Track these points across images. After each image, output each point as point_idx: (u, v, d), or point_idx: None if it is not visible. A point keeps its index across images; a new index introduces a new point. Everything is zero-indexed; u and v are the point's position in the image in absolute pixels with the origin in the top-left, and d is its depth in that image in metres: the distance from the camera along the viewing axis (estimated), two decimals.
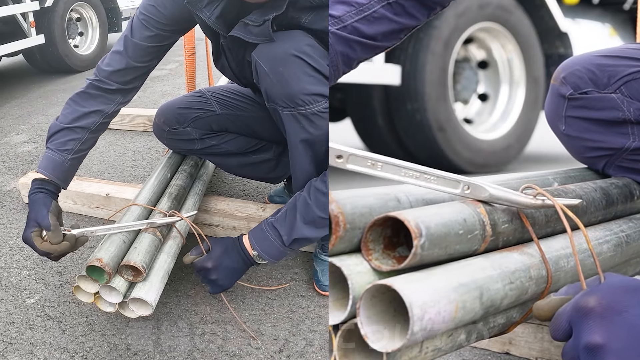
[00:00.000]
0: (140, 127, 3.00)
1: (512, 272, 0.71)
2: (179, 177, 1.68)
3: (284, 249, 1.30)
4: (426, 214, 0.65)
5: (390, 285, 0.57)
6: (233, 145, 1.70)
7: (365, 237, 0.65)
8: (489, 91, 3.32)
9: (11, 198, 2.16)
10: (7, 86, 4.49)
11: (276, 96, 1.24)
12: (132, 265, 1.23)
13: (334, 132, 2.71)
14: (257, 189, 2.13)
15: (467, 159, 3.00)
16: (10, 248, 1.76)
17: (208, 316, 1.40)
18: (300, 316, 1.40)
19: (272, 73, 1.21)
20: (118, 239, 1.29)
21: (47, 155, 1.43)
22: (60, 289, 1.52)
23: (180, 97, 1.75)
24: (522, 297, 0.72)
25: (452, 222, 0.67)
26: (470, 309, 0.63)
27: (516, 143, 3.27)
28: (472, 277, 0.65)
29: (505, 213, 0.75)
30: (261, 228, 1.32)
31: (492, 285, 0.66)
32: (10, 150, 2.81)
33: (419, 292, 0.57)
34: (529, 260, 0.74)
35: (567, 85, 1.09)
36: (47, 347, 1.31)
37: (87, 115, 1.46)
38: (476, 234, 0.70)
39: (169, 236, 1.42)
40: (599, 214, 0.94)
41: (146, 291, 1.23)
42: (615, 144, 1.08)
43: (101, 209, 1.92)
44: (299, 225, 1.27)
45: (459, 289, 0.62)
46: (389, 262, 0.65)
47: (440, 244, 0.64)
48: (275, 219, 1.31)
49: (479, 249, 0.72)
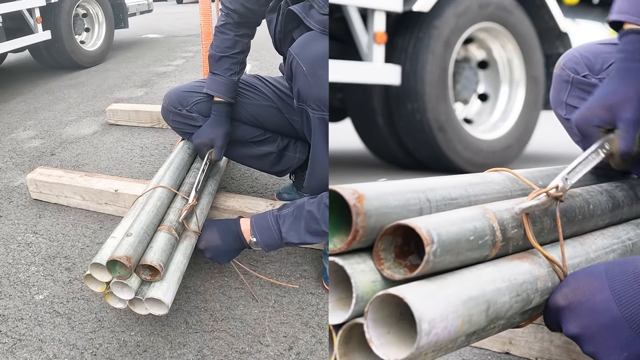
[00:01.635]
0: (148, 123, 3.05)
1: (520, 284, 0.70)
2: (192, 174, 1.69)
3: (280, 242, 1.38)
4: (437, 221, 0.65)
5: (402, 298, 0.57)
6: (237, 134, 1.73)
7: (377, 247, 0.65)
8: (489, 91, 3.33)
9: (19, 194, 2.20)
10: (14, 82, 4.53)
11: (309, 98, 1.26)
12: (149, 264, 1.22)
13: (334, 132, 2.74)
14: (265, 186, 2.16)
15: (467, 159, 3.02)
16: (19, 244, 1.79)
17: (218, 313, 1.42)
18: (310, 313, 1.41)
19: (311, 75, 1.23)
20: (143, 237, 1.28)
21: (216, 80, 1.66)
22: (69, 285, 1.54)
23: (189, 82, 1.81)
24: (526, 307, 0.72)
25: (463, 228, 0.66)
26: (475, 322, 0.63)
27: (516, 143, 3.28)
28: (481, 289, 0.64)
29: (513, 218, 0.75)
30: (265, 217, 1.40)
31: (500, 299, 0.66)
32: (17, 146, 2.85)
33: (430, 307, 0.57)
34: (538, 271, 0.74)
35: (566, 70, 1.15)
36: (56, 343, 1.32)
37: (237, 42, 1.66)
38: (487, 239, 0.69)
39: (184, 235, 1.42)
40: (605, 217, 0.95)
41: (164, 292, 1.22)
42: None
43: (110, 205, 1.95)
44: (302, 232, 1.35)
45: (467, 302, 0.61)
46: (401, 271, 0.64)
47: (452, 251, 0.64)
48: (280, 214, 1.39)
49: (490, 255, 0.71)
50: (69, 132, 3.07)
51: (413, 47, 2.89)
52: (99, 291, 1.26)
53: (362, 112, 3.11)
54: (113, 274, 1.20)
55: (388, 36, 2.78)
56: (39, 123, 3.27)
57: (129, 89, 4.09)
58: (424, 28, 2.89)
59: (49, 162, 2.58)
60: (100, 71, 4.77)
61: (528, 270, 0.73)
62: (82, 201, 2.01)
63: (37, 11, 4.33)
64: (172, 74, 4.56)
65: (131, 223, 1.33)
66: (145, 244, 1.28)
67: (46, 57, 4.78)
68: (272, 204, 1.76)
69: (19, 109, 3.63)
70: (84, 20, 5.09)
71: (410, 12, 2.84)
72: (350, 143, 3.57)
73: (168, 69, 4.79)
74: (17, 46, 4.23)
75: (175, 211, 1.45)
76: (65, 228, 1.89)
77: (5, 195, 2.20)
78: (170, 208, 1.47)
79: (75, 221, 1.94)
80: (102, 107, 3.54)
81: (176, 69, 4.75)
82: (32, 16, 4.31)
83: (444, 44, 2.90)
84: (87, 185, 1.98)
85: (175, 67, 4.85)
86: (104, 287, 1.25)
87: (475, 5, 3.00)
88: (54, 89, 4.19)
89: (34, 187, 2.09)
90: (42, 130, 3.12)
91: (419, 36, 2.89)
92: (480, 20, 3.06)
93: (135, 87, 4.12)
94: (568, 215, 0.86)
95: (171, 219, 1.41)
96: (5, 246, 1.79)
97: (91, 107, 3.61)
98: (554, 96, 1.20)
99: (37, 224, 1.93)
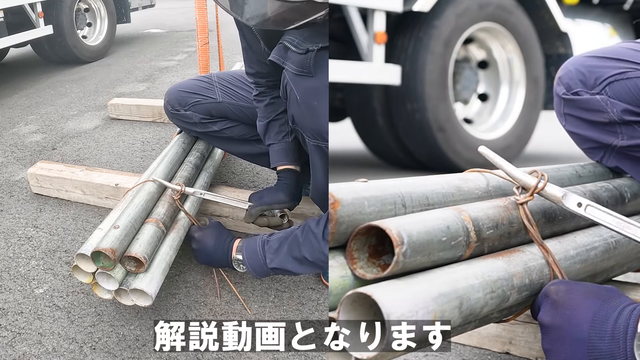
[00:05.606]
0: (149, 117, 3.06)
1: (495, 280, 0.71)
2: (185, 168, 1.72)
3: (267, 270, 1.36)
4: (408, 222, 0.65)
5: (369, 295, 0.58)
6: (234, 132, 1.75)
7: (350, 247, 0.66)
8: (489, 91, 3.34)
9: (19, 188, 2.21)
10: (16, 77, 4.53)
11: (304, 126, 1.23)
12: (134, 256, 1.25)
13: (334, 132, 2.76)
14: (267, 181, 2.17)
15: (467, 159, 3.03)
16: (19, 238, 1.81)
17: (217, 308, 1.43)
18: (310, 309, 1.42)
19: (305, 105, 1.18)
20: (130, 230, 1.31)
21: (273, 149, 1.58)
22: (69, 279, 1.56)
23: (187, 80, 1.83)
24: (503, 304, 0.73)
25: (434, 229, 0.67)
26: (448, 318, 0.63)
27: (516, 143, 3.29)
28: (453, 286, 0.65)
29: (490, 218, 0.76)
30: (254, 240, 1.39)
31: (473, 295, 0.67)
32: (19, 140, 2.86)
33: (397, 303, 0.57)
34: (513, 268, 0.75)
35: (561, 85, 1.17)
36: (55, 337, 1.33)
37: (274, 103, 1.56)
38: (460, 240, 0.70)
39: (172, 228, 1.46)
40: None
41: (147, 283, 1.26)
42: (606, 141, 1.13)
43: (110, 199, 1.96)
44: (284, 257, 1.32)
45: (438, 299, 0.62)
46: (374, 270, 0.65)
47: (423, 251, 0.65)
48: (268, 239, 1.37)
49: (464, 255, 0.72)
50: (71, 126, 3.08)
51: (413, 47, 2.90)
52: (86, 282, 1.30)
53: (362, 112, 3.11)
54: (97, 264, 1.24)
55: (388, 36, 2.78)
56: (40, 117, 3.28)
57: (131, 83, 4.10)
58: (424, 28, 2.89)
59: (50, 156, 2.60)
60: (102, 66, 4.77)
61: (503, 267, 0.74)
62: (83, 195, 2.02)
63: (39, 6, 4.32)
64: (174, 68, 4.57)
65: (119, 215, 1.36)
66: (131, 236, 1.31)
67: (48, 52, 4.78)
68: None
69: (21, 104, 3.64)
70: (86, 15, 5.09)
71: (410, 12, 2.84)
72: (350, 143, 3.58)
73: (170, 63, 4.80)
74: (19, 41, 4.23)
75: (164, 204, 1.48)
76: (66, 222, 1.91)
77: (6, 189, 2.22)
78: (159, 201, 1.50)
79: (76, 215, 1.95)
80: (103, 101, 3.55)
81: (178, 64, 4.76)
82: (34, 11, 4.31)
83: (444, 44, 2.91)
84: (87, 180, 1.99)
85: (177, 61, 4.86)
86: (91, 278, 1.29)
87: (475, 6, 3.01)
88: (55, 83, 4.20)
89: (35, 181, 2.11)
90: (44, 124, 3.14)
91: (419, 36, 2.89)
92: (480, 20, 3.06)
93: (137, 82, 4.13)
94: (547, 216, 0.87)
95: (159, 212, 1.44)
96: (5, 240, 1.80)
97: (93, 101, 3.62)
98: (555, 105, 1.22)
99: (37, 218, 1.94)
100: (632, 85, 1.07)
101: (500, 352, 1.23)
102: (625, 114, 1.08)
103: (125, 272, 1.28)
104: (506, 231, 0.78)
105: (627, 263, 1.03)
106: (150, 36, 6.74)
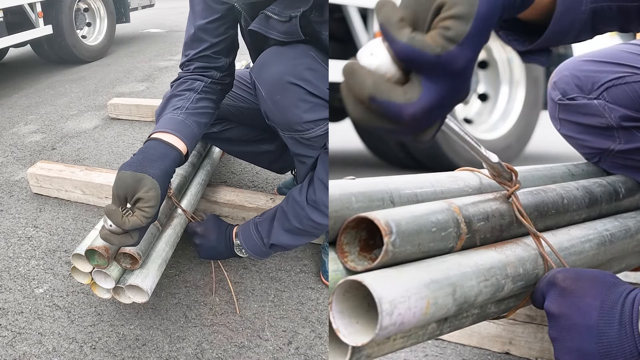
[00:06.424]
0: (149, 117, 3.05)
1: (488, 269, 0.71)
2: (181, 166, 1.71)
3: (266, 250, 1.37)
4: (397, 212, 0.65)
5: (360, 281, 0.58)
6: (234, 134, 1.73)
7: (340, 241, 0.66)
8: (489, 91, 3.34)
9: (19, 188, 2.21)
10: (15, 76, 4.53)
11: (274, 121, 1.23)
12: (128, 253, 1.25)
13: (334, 132, 2.74)
14: (266, 180, 2.17)
15: (467, 159, 3.03)
16: (19, 238, 1.81)
17: (217, 307, 1.43)
18: (310, 308, 1.42)
19: (270, 100, 1.17)
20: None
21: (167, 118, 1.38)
22: (69, 279, 1.56)
23: None
24: (498, 294, 0.73)
25: (424, 219, 0.67)
26: (442, 305, 0.63)
27: (516, 143, 3.29)
28: (445, 273, 0.65)
29: (481, 211, 0.76)
30: (248, 226, 1.40)
31: (466, 282, 0.67)
32: (19, 140, 2.86)
33: (389, 287, 0.58)
34: (506, 258, 0.75)
35: (556, 90, 1.15)
36: (55, 336, 1.34)
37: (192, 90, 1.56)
38: (450, 231, 0.70)
39: (168, 225, 1.46)
40: (582, 213, 0.96)
41: (142, 279, 1.26)
42: (603, 145, 1.13)
43: (110, 199, 1.95)
44: (277, 232, 1.33)
45: (430, 285, 0.62)
46: (365, 263, 0.65)
47: (412, 242, 0.65)
48: (259, 220, 1.38)
49: (455, 247, 0.72)
50: (70, 126, 3.08)
51: None
52: (85, 283, 1.30)
53: None
54: (92, 262, 1.24)
55: None
56: (40, 117, 3.28)
57: (131, 83, 4.09)
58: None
59: (50, 156, 2.59)
60: (101, 66, 4.77)
61: (495, 256, 0.74)
62: (83, 195, 2.02)
63: (39, 6, 4.33)
64: (174, 68, 4.56)
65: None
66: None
67: (48, 52, 4.78)
68: (272, 199, 1.76)
69: (21, 104, 3.64)
70: (86, 14, 5.10)
71: None
72: (350, 143, 3.58)
73: (170, 63, 4.80)
74: (19, 41, 4.24)
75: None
76: (66, 222, 1.90)
77: (6, 189, 2.21)
78: None
79: (76, 215, 1.95)
80: (103, 101, 3.55)
81: (178, 64, 4.74)
82: (34, 11, 4.31)
83: None
84: (87, 179, 1.99)
85: (177, 61, 4.86)
86: (89, 279, 1.29)
87: None
88: (55, 83, 4.20)
89: (35, 181, 2.10)
90: (43, 124, 3.13)
91: None
92: None
93: (137, 82, 4.13)
94: (540, 210, 0.87)
95: None
96: (5, 240, 1.80)
97: (92, 101, 3.61)
98: (549, 111, 1.21)
99: (37, 218, 1.94)
100: (631, 90, 1.06)
101: (500, 352, 1.23)
102: (623, 120, 1.07)
103: (122, 269, 1.28)
104: (498, 223, 0.78)
105: (625, 258, 1.02)
106: (150, 36, 6.74)
